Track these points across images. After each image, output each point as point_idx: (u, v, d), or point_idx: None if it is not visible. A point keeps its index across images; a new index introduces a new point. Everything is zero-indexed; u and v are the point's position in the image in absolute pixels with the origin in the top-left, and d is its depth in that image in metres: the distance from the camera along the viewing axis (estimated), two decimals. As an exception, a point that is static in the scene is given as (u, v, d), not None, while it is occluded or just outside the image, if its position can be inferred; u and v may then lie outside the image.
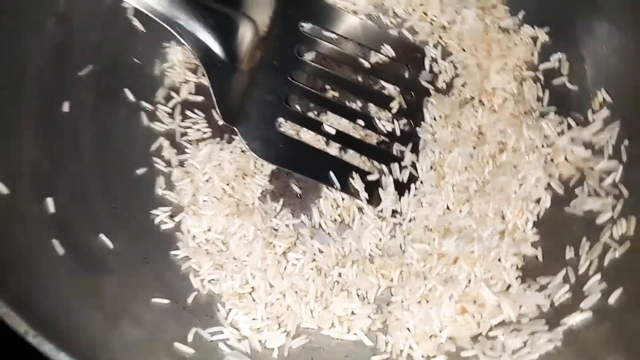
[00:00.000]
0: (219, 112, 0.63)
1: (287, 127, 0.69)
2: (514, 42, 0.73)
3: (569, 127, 0.67)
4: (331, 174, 0.65)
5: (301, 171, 0.65)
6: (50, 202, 0.56)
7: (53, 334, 0.44)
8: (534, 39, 0.73)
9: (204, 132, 0.71)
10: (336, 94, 0.73)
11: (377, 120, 0.70)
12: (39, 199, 0.56)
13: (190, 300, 0.59)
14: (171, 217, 0.65)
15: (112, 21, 0.70)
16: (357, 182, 0.65)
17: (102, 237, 0.59)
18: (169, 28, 0.61)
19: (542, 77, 0.72)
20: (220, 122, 0.65)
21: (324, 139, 0.69)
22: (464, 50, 0.75)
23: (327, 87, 0.72)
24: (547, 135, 0.67)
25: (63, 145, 0.63)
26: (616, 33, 0.66)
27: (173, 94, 0.74)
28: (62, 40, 0.65)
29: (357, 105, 0.73)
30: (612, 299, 0.50)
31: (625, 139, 0.62)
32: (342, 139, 0.68)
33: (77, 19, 0.67)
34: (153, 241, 0.63)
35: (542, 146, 0.66)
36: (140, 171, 0.68)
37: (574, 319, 0.51)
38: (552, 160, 0.66)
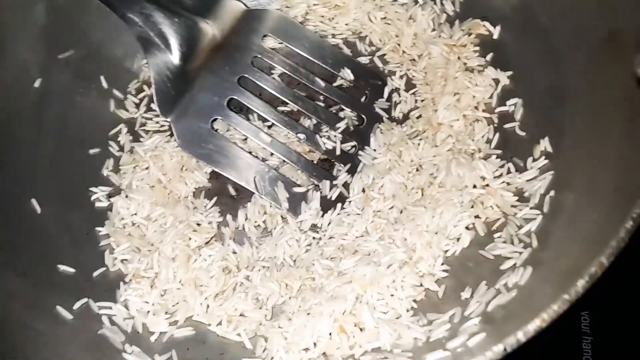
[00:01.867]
0: (155, 100, 0.67)
1: (232, 132, 0.72)
2: (475, 82, 0.73)
3: (509, 172, 0.66)
4: (256, 179, 0.67)
5: (226, 171, 0.68)
6: (-9, 161, 0.62)
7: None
8: (496, 82, 0.73)
9: (162, 126, 0.76)
10: (293, 109, 0.75)
11: (318, 138, 0.71)
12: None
13: (95, 274, 0.62)
14: (108, 197, 0.70)
15: (103, 15, 0.76)
16: (280, 191, 0.67)
17: (33, 201, 0.64)
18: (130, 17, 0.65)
19: (496, 120, 0.71)
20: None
21: (267, 148, 0.71)
22: (426, 84, 0.76)
23: (284, 101, 0.74)
24: (484, 177, 0.66)
25: (25, 113, 0.69)
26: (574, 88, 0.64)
27: (145, 87, 0.79)
28: (48, 24, 0.72)
29: (311, 122, 0.74)
30: (472, 342, 0.48)
31: (552, 190, 0.60)
32: (280, 149, 0.70)
33: (68, 8, 0.74)
34: (82, 216, 0.67)
35: (475, 186, 0.65)
36: (93, 151, 0.73)
37: (434, 356, 0.49)
38: (481, 203, 0.65)
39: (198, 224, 0.68)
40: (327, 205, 0.68)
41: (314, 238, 0.67)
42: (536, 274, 0.54)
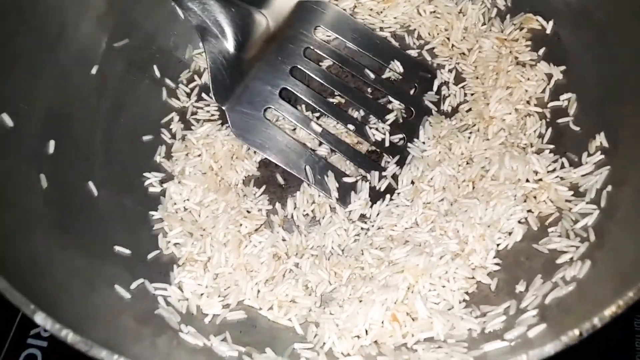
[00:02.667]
0: (211, 88, 0.68)
1: (282, 122, 0.73)
2: (527, 76, 0.72)
3: (562, 166, 0.65)
4: (307, 168, 0.68)
5: (279, 160, 0.68)
6: (51, 144, 0.64)
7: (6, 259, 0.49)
8: (549, 76, 0.72)
9: (212, 115, 0.77)
10: (342, 100, 0.76)
11: (367, 129, 0.71)
12: (42, 139, 0.63)
13: (150, 256, 0.64)
14: (161, 182, 0.71)
15: (157, 5, 0.78)
16: (330, 181, 0.68)
17: (90, 184, 0.65)
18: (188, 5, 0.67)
19: (549, 115, 0.70)
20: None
21: (317, 138, 0.72)
22: (476, 78, 0.76)
23: (333, 92, 0.75)
24: (537, 172, 0.65)
25: (82, 100, 0.70)
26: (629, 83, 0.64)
27: (196, 77, 0.80)
28: (105, 13, 0.74)
29: (359, 113, 0.75)
30: (532, 333, 0.48)
31: (609, 185, 0.60)
32: (330, 140, 0.70)
33: (124, -2, 0.76)
34: (136, 200, 0.69)
35: (527, 181, 0.64)
36: (146, 138, 0.74)
37: (491, 346, 0.49)
38: (534, 197, 0.64)
39: (248, 211, 0.69)
40: (375, 196, 0.68)
41: (362, 228, 0.67)
42: (595, 268, 0.53)
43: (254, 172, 0.73)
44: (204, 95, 0.79)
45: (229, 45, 0.69)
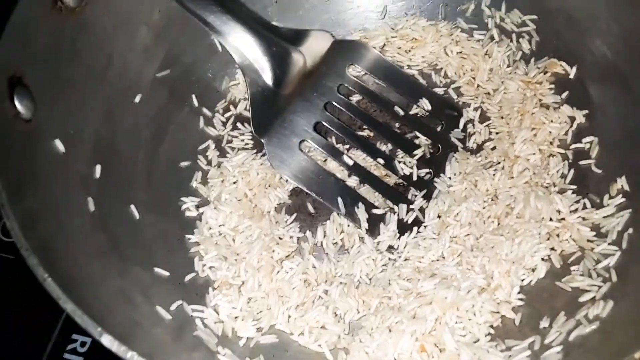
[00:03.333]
0: (251, 123, 0.72)
1: (314, 153, 0.76)
2: (550, 118, 0.75)
3: (584, 207, 0.68)
4: (339, 199, 0.71)
5: (312, 190, 0.72)
6: (98, 169, 0.67)
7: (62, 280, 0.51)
8: (572, 119, 0.75)
9: (247, 143, 0.81)
10: (370, 134, 0.79)
11: (397, 163, 0.75)
12: (90, 164, 0.67)
13: (187, 278, 0.67)
14: (197, 207, 0.74)
15: (197, 38, 0.82)
16: (361, 212, 0.71)
17: (132, 207, 0.69)
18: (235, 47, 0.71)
19: (571, 157, 0.73)
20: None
21: (350, 170, 0.75)
22: (501, 117, 0.79)
23: (362, 125, 0.78)
24: (560, 211, 0.68)
25: (126, 127, 0.74)
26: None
27: (231, 107, 0.84)
28: (150, 45, 0.78)
29: (387, 147, 0.78)
30: (557, 370, 0.50)
31: (630, 228, 0.62)
32: (360, 172, 0.74)
33: (168, 31, 0.80)
34: (174, 223, 0.72)
35: (550, 219, 0.67)
36: (184, 164, 0.78)
37: (518, 380, 0.51)
38: (557, 235, 0.67)
39: (280, 238, 0.71)
40: (403, 228, 0.71)
41: (390, 259, 0.70)
42: (617, 308, 0.55)
43: (285, 200, 0.76)
44: (238, 124, 0.82)
45: (269, 81, 0.73)
